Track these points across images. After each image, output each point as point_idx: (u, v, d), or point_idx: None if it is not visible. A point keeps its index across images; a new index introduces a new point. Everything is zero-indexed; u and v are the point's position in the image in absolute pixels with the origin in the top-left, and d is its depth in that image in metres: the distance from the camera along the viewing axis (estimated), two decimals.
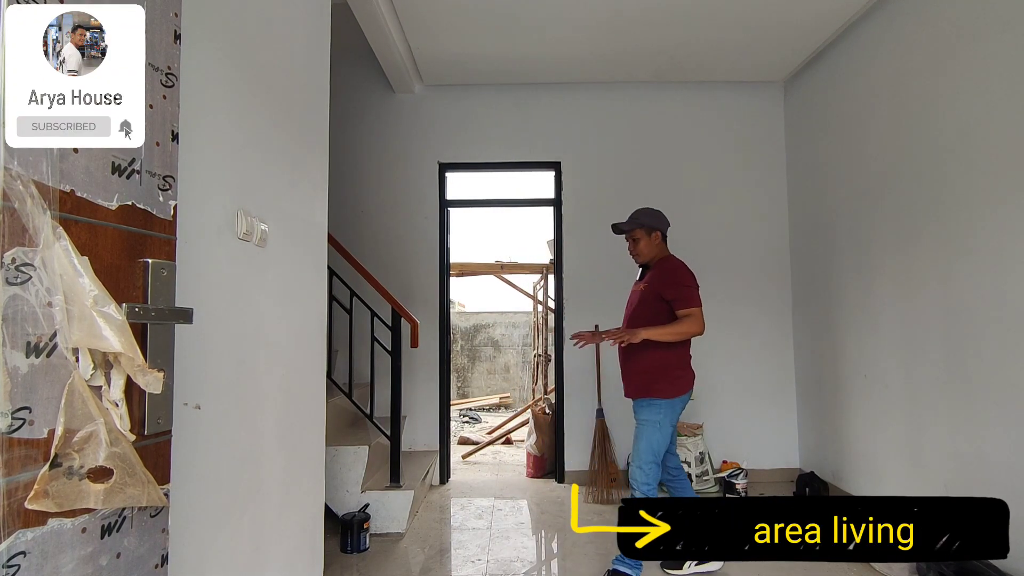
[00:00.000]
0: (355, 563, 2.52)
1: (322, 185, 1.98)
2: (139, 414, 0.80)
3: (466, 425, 6.45)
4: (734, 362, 3.84)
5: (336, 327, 3.14)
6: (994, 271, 2.22)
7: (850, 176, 3.19)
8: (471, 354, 8.28)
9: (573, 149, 3.95)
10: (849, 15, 3.06)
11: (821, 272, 3.51)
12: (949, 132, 2.45)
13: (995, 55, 2.22)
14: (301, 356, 1.77)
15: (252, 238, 1.45)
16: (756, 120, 3.96)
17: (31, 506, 0.64)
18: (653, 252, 2.52)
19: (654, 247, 2.52)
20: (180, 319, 0.85)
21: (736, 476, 3.28)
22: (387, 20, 3.02)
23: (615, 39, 3.35)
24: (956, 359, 2.42)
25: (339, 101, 3.63)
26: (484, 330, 8.36)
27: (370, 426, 3.07)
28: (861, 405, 3.11)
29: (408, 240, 3.90)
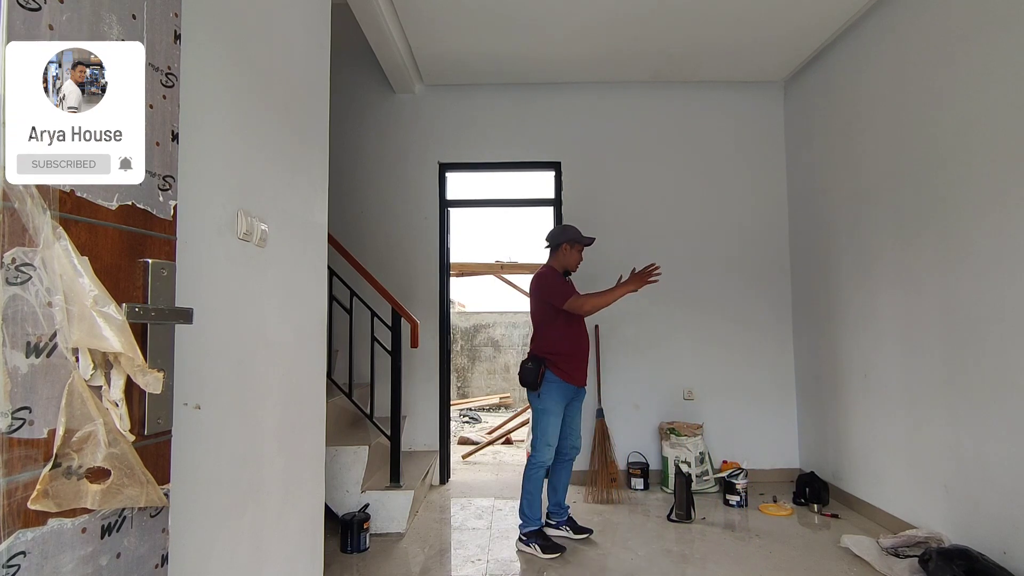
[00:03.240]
0: (355, 563, 2.52)
1: (322, 185, 1.98)
2: (139, 414, 0.80)
3: (466, 425, 6.44)
4: (734, 362, 3.84)
5: (336, 327, 3.15)
6: (994, 271, 2.22)
7: (850, 176, 3.19)
8: (471, 354, 8.28)
9: (573, 149, 3.95)
10: (849, 15, 3.06)
11: (821, 272, 3.51)
12: (949, 132, 2.45)
13: (995, 55, 2.22)
14: (301, 356, 1.77)
15: (252, 238, 1.45)
16: (756, 120, 3.96)
17: (32, 506, 0.64)
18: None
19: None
20: (180, 319, 0.85)
21: (736, 476, 3.28)
22: (387, 20, 3.02)
23: (615, 39, 3.35)
24: (956, 359, 2.42)
25: (339, 101, 3.63)
26: (484, 330, 8.35)
27: (370, 426, 3.07)
28: (861, 405, 3.11)
29: (408, 240, 3.90)
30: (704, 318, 3.86)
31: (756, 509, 3.21)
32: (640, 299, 3.77)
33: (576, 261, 2.88)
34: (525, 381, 2.73)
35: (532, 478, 2.70)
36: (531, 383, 2.71)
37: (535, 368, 2.70)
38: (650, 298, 3.82)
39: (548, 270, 2.82)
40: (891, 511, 2.84)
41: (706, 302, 3.88)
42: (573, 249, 2.84)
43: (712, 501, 3.37)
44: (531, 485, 2.70)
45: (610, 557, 2.59)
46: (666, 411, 3.82)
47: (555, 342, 2.74)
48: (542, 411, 2.71)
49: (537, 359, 2.72)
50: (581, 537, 2.80)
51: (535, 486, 2.70)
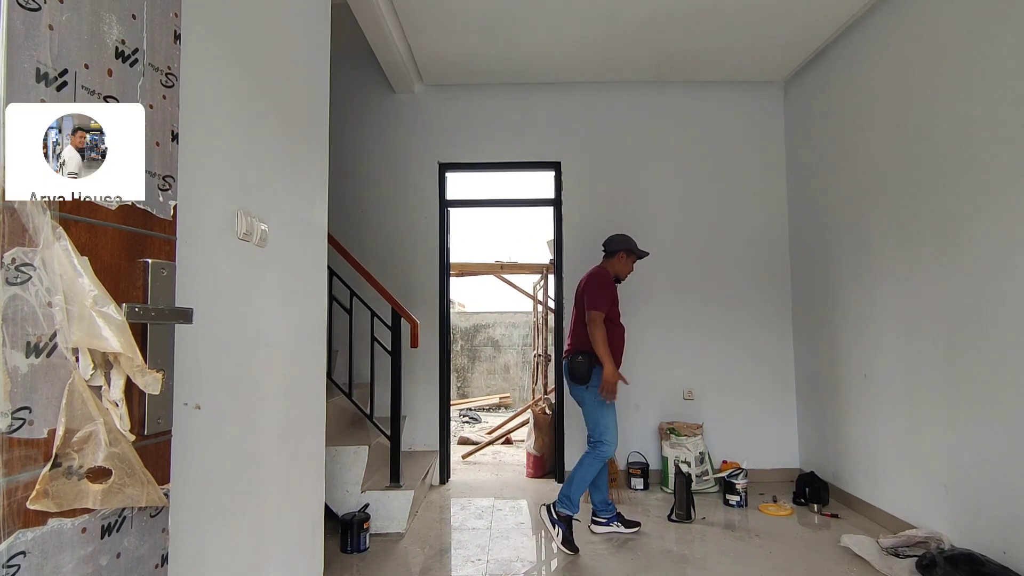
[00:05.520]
0: (355, 563, 2.52)
1: (322, 185, 1.98)
2: (139, 414, 0.80)
3: (466, 425, 6.44)
4: (734, 362, 3.84)
5: (336, 327, 3.14)
6: (994, 271, 2.22)
7: (850, 176, 3.19)
8: (471, 354, 8.28)
9: (573, 149, 3.95)
10: (849, 15, 3.06)
11: (821, 272, 3.51)
12: (949, 132, 2.45)
13: (995, 55, 2.22)
14: (301, 356, 1.77)
15: (252, 238, 1.45)
16: (756, 120, 3.96)
17: (32, 506, 0.64)
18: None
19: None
20: (180, 319, 0.85)
21: (736, 476, 3.28)
22: (387, 20, 3.02)
23: (615, 39, 3.35)
24: (956, 359, 2.42)
25: (339, 101, 3.63)
26: (484, 330, 8.35)
27: (370, 426, 3.07)
28: (861, 405, 3.11)
29: (408, 240, 3.90)
30: (704, 318, 3.86)
31: (756, 509, 3.21)
32: (640, 299, 3.77)
33: (627, 271, 2.99)
34: (577, 375, 2.76)
35: (591, 468, 2.73)
36: (583, 376, 2.74)
37: (587, 362, 2.74)
38: (650, 298, 3.83)
39: (602, 271, 2.90)
40: (891, 511, 2.84)
41: (706, 301, 3.88)
42: (628, 259, 2.96)
43: (712, 501, 3.37)
44: (586, 473, 2.72)
45: (610, 557, 2.60)
46: (666, 411, 3.82)
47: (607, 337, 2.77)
48: (600, 403, 2.73)
49: (588, 354, 2.75)
50: (633, 531, 2.86)
51: (589, 475, 2.73)
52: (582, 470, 2.73)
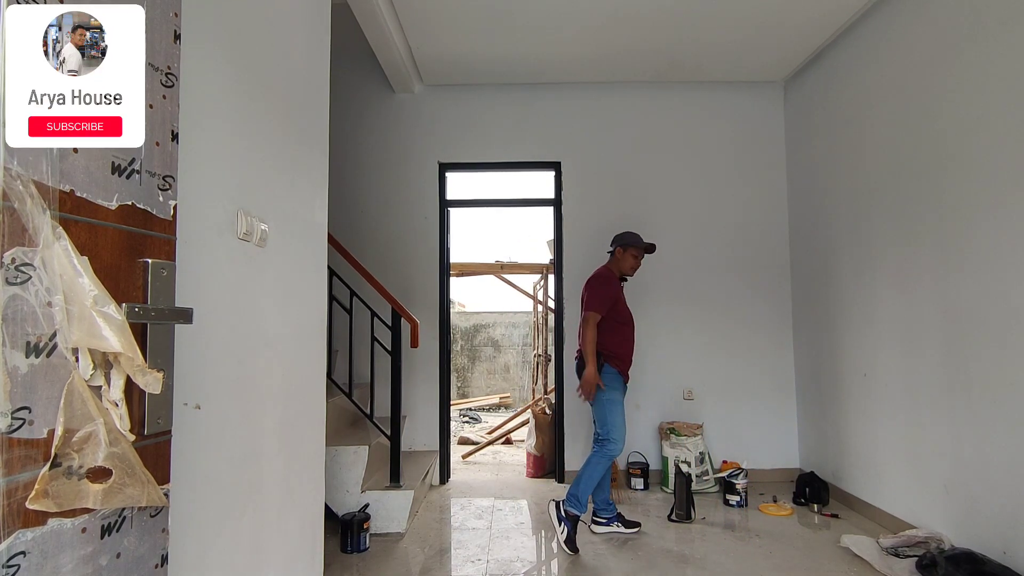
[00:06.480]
0: (355, 563, 2.52)
1: (322, 185, 1.98)
2: (139, 414, 0.80)
3: (466, 425, 6.44)
4: (734, 362, 3.84)
5: (336, 327, 3.14)
6: (994, 271, 2.22)
7: (850, 176, 3.19)
8: (471, 354, 8.28)
9: (573, 149, 3.95)
10: (849, 15, 3.06)
11: (821, 271, 3.50)
12: (949, 132, 2.45)
13: (995, 55, 2.22)
14: (301, 356, 1.77)
15: (252, 238, 1.45)
16: (756, 120, 3.96)
17: (32, 506, 0.64)
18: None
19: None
20: (180, 319, 0.85)
21: (736, 476, 3.28)
22: (387, 20, 3.02)
23: (615, 39, 3.35)
24: (956, 358, 2.42)
25: (339, 101, 3.63)
26: (484, 330, 8.35)
27: (370, 426, 3.07)
28: (861, 405, 3.11)
29: (408, 240, 3.90)
30: (704, 318, 3.86)
31: (756, 509, 3.21)
32: (640, 299, 3.77)
33: (631, 266, 2.94)
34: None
35: (599, 467, 2.73)
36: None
37: (598, 360, 2.76)
38: (650, 298, 3.82)
39: (604, 271, 2.93)
40: (891, 511, 2.84)
41: (706, 302, 3.88)
42: (627, 253, 2.91)
43: (712, 501, 3.37)
44: (594, 472, 2.73)
45: (611, 557, 2.60)
46: (666, 411, 3.82)
47: (611, 336, 2.81)
48: (608, 401, 2.75)
49: (597, 354, 2.77)
50: (633, 531, 2.86)
51: (597, 474, 2.73)
52: (589, 469, 2.73)
